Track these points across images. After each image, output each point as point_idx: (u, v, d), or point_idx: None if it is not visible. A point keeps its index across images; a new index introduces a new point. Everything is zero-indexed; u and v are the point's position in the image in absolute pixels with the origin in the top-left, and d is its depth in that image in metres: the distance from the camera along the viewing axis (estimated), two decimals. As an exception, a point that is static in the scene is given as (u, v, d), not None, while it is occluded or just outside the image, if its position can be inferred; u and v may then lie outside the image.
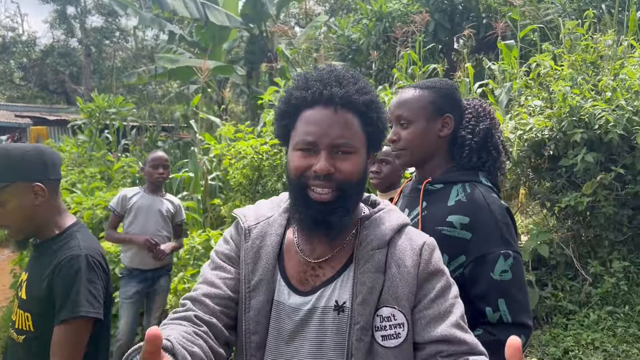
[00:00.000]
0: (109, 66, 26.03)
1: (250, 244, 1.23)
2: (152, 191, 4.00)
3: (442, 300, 1.14)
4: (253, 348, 1.17)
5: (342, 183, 1.13)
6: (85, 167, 8.63)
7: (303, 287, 1.18)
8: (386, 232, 1.19)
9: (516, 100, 5.41)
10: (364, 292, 1.12)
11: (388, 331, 1.11)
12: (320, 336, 1.14)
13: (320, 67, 1.22)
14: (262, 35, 10.44)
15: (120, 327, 3.86)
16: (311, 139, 1.12)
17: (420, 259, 1.16)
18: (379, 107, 1.19)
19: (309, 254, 1.20)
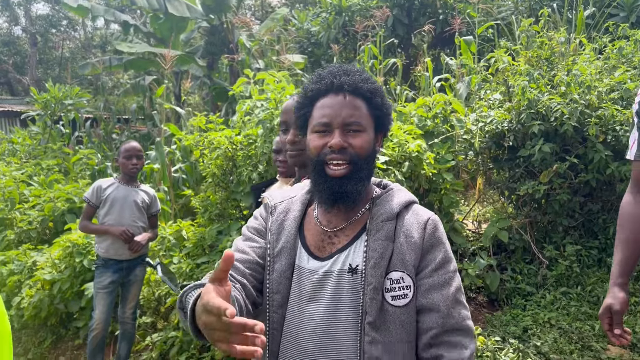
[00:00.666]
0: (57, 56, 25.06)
1: (275, 217, 1.42)
2: (127, 182, 3.98)
3: (442, 272, 1.31)
4: (275, 306, 1.34)
5: (354, 156, 1.30)
6: (41, 159, 8.37)
7: (320, 254, 1.34)
8: (395, 206, 1.35)
9: (476, 94, 5.66)
10: (376, 257, 1.27)
11: (397, 292, 1.27)
12: (336, 295, 1.28)
13: (330, 65, 1.43)
14: (223, 26, 10.36)
15: (95, 317, 3.84)
16: (325, 120, 1.32)
17: (425, 232, 1.32)
18: (382, 94, 1.38)
19: (326, 225, 1.37)
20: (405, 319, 1.27)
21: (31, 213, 6.21)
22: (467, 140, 4.93)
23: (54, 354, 4.96)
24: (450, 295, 1.29)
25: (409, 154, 4.33)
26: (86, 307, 4.79)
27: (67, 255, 4.89)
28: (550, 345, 4.01)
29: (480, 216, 6.24)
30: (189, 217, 5.90)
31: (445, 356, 1.26)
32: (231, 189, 4.39)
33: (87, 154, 7.89)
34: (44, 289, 4.85)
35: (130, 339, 4.07)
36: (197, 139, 4.58)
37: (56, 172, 7.75)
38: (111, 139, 10.51)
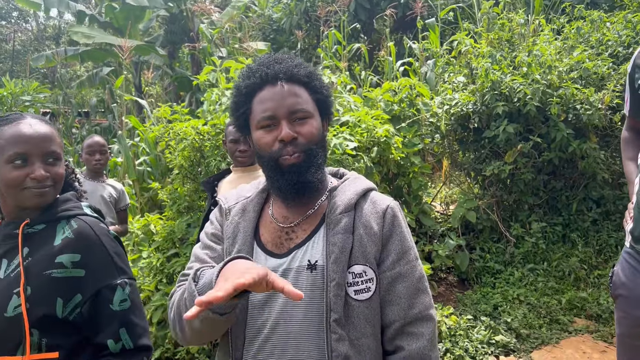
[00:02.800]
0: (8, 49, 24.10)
1: (230, 220, 1.37)
2: (92, 177, 3.87)
3: (403, 262, 1.28)
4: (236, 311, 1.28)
5: (306, 145, 1.26)
6: (-2, 157, 8.04)
7: (278, 250, 1.29)
8: (351, 197, 1.30)
9: (440, 77, 5.71)
10: (336, 251, 1.22)
11: (360, 286, 1.23)
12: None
13: (258, 57, 1.37)
14: (183, 14, 10.14)
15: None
16: (269, 114, 1.25)
17: (384, 221, 1.28)
18: (319, 77, 1.34)
19: (283, 221, 1.32)
20: (369, 313, 1.24)
21: (-10, 213, 5.98)
22: (433, 123, 4.98)
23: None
24: (412, 286, 1.27)
25: (377, 139, 4.35)
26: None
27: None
28: (520, 321, 4.13)
29: (448, 198, 6.35)
30: (156, 210, 5.80)
31: (405, 348, 1.24)
32: (199, 180, 4.32)
33: (46, 150, 7.61)
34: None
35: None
36: (162, 131, 4.49)
37: (14, 170, 7.47)
38: (71, 133, 10.20)
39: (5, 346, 1.34)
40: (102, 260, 1.42)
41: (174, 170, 4.55)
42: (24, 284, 1.34)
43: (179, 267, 4.00)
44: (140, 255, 4.56)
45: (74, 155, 8.29)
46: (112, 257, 1.43)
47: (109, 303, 1.39)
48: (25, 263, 1.39)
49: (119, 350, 1.39)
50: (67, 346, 1.37)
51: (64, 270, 1.37)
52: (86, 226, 1.44)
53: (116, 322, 1.39)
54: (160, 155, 6.78)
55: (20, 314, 1.31)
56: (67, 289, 1.36)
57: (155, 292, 4.09)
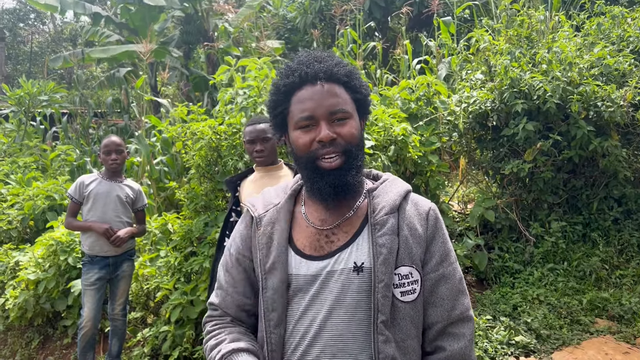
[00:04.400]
0: (26, 51, 24.42)
1: (262, 230, 1.34)
2: (110, 177, 3.90)
3: (446, 264, 1.29)
4: (272, 325, 1.26)
5: (346, 146, 1.24)
6: (17, 157, 8.17)
7: (319, 253, 1.27)
8: (395, 198, 1.30)
9: (458, 75, 5.66)
10: (385, 252, 1.22)
11: (406, 287, 1.24)
12: (342, 296, 1.22)
13: (298, 54, 1.34)
14: (198, 15, 10.18)
15: (84, 315, 3.77)
16: (308, 114, 1.24)
17: (427, 223, 1.30)
18: (358, 76, 1.32)
19: (320, 224, 1.31)
20: (414, 315, 1.25)
21: (10, 212, 6.06)
22: (451, 121, 4.93)
23: (42, 355, 4.87)
24: (454, 288, 1.28)
25: (394, 138, 4.32)
26: (74, 305, 4.71)
27: (51, 254, 4.79)
28: (540, 321, 4.07)
29: (465, 197, 6.29)
30: (172, 209, 5.82)
31: (447, 348, 1.25)
32: (216, 180, 4.32)
33: (65, 150, 7.71)
34: (29, 289, 4.75)
35: (121, 336, 4.01)
36: (179, 130, 4.50)
37: (34, 170, 7.57)
38: (88, 133, 10.29)
39: None
40: None
41: (191, 169, 4.56)
42: None
43: (196, 266, 4.01)
44: (158, 254, 4.58)
45: (91, 156, 8.36)
46: None
47: None
48: None
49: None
50: None
51: None
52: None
53: None
54: (177, 155, 6.81)
55: None
56: None
57: (173, 290, 4.10)
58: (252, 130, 2.93)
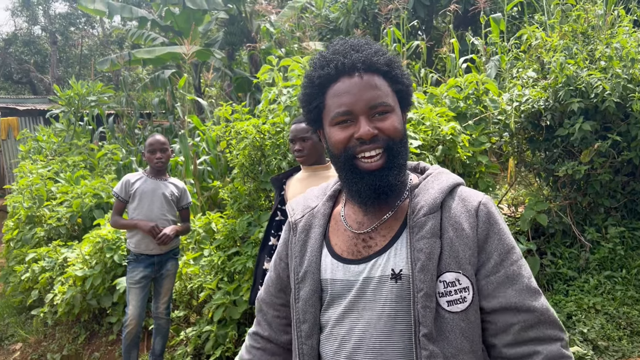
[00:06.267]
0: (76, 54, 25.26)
1: (297, 237, 1.27)
2: (155, 175, 3.92)
3: (508, 263, 1.13)
4: (304, 336, 1.21)
5: (388, 142, 1.14)
6: (66, 156, 8.40)
7: (355, 258, 1.18)
8: (437, 195, 1.15)
9: (508, 73, 5.45)
10: (422, 258, 1.10)
11: (454, 296, 1.10)
12: (379, 306, 1.13)
13: (333, 42, 1.22)
14: (242, 16, 10.25)
15: (128, 313, 3.79)
16: (346, 109, 1.14)
17: (478, 220, 1.14)
18: (399, 64, 1.20)
19: (357, 227, 1.21)
20: (465, 326, 1.10)
21: (59, 210, 6.21)
22: (501, 121, 4.74)
23: (88, 350, 4.96)
24: (525, 287, 1.12)
25: (442, 137, 4.18)
26: (118, 302, 4.77)
27: (98, 251, 4.87)
28: (597, 332, 3.85)
29: (515, 199, 6.06)
30: (215, 209, 5.83)
31: (542, 352, 1.09)
32: (260, 179, 4.29)
33: (112, 149, 7.88)
34: (76, 285, 4.84)
35: (164, 334, 4.03)
36: (224, 130, 4.49)
37: (82, 168, 7.77)
38: (134, 133, 10.51)
39: None
40: None
41: (235, 169, 4.55)
42: None
43: (239, 265, 3.98)
44: (202, 253, 4.59)
45: (136, 155, 8.51)
46: None
47: None
48: None
49: None
50: None
51: None
52: None
53: None
54: (220, 155, 6.84)
55: None
56: None
57: (216, 290, 4.09)
58: (292, 130, 2.89)
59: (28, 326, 5.78)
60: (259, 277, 3.06)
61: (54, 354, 5.07)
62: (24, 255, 5.88)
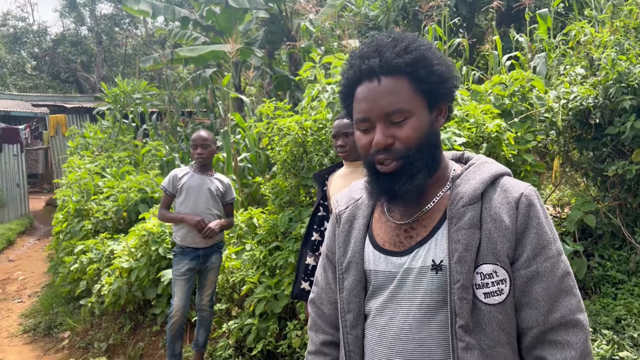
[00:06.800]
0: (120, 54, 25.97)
1: (341, 228, 1.30)
2: (201, 171, 4.00)
3: (542, 259, 1.11)
4: (349, 326, 1.23)
5: (403, 151, 1.12)
6: (112, 152, 8.65)
7: (398, 249, 1.19)
8: (477, 186, 1.15)
9: (555, 70, 5.32)
10: (460, 249, 1.10)
11: (491, 288, 1.09)
12: (419, 297, 1.14)
13: (365, 40, 1.23)
14: (282, 14, 10.33)
15: (173, 304, 3.88)
16: (362, 116, 1.15)
17: (518, 212, 1.12)
18: (429, 61, 1.14)
19: (400, 218, 1.22)
20: (503, 319, 1.10)
21: (106, 204, 6.41)
22: (548, 119, 4.63)
23: (133, 340, 5.09)
24: (553, 286, 1.10)
25: (487, 135, 4.11)
26: (162, 294, 4.89)
27: (143, 244, 5.00)
28: (648, 337, 3.72)
29: (560, 200, 5.91)
30: (254, 205, 5.90)
31: (548, 357, 1.09)
32: (302, 175, 4.32)
33: (155, 146, 8.08)
34: (122, 277, 4.98)
35: (207, 326, 4.10)
36: (266, 127, 4.54)
37: (127, 164, 7.99)
38: (176, 131, 10.75)
39: None
40: None
41: (276, 165, 4.59)
42: None
43: (281, 260, 4.02)
44: (244, 247, 4.65)
45: (179, 152, 8.70)
46: None
47: None
48: None
49: None
50: None
51: None
52: None
53: None
54: (260, 152, 6.92)
55: None
56: None
57: (258, 284, 4.14)
58: (335, 125, 2.90)
59: (76, 315, 5.98)
60: (301, 272, 3.08)
61: (100, 342, 5.23)
62: (73, 247, 6.09)
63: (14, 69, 26.36)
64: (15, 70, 26.55)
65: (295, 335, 3.70)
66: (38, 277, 8.68)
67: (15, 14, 27.69)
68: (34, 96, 21.97)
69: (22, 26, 26.77)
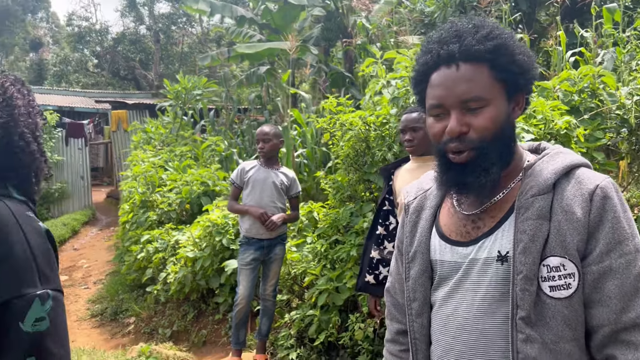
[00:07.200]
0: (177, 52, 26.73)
1: (409, 218, 1.31)
2: (267, 164, 4.11)
3: (616, 254, 1.05)
4: (414, 314, 1.25)
5: (477, 141, 1.10)
6: (174, 146, 8.96)
7: (464, 239, 1.18)
8: (549, 176, 1.10)
9: (626, 66, 5.14)
10: (525, 240, 1.07)
11: (557, 281, 1.05)
12: (482, 287, 1.13)
13: (443, 25, 1.20)
14: (338, 11, 10.40)
15: (239, 292, 4.01)
16: (437, 102, 1.12)
17: (592, 205, 1.06)
18: (511, 50, 1.12)
19: (467, 208, 1.20)
20: (569, 314, 1.05)
21: (170, 195, 6.65)
22: (619, 116, 4.49)
23: (196, 327, 5.28)
24: (628, 284, 1.03)
25: (556, 132, 4.03)
26: (225, 284, 5.04)
27: (207, 235, 5.17)
28: None
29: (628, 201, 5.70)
30: (308, 200, 5.99)
31: (618, 357, 1.04)
32: (364, 170, 4.35)
33: (215, 141, 8.31)
34: (187, 266, 5.17)
35: (270, 316, 4.21)
36: (329, 122, 4.60)
37: (189, 158, 8.26)
38: (232, 127, 11.00)
39: None
40: (19, 260, 1.05)
41: (338, 160, 4.64)
42: None
43: (343, 253, 4.08)
44: (305, 240, 4.74)
45: (236, 147, 8.91)
46: (35, 257, 1.07)
47: (18, 320, 1.02)
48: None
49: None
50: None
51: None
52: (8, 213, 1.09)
53: (23, 348, 1.02)
54: (315, 148, 7.01)
55: None
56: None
57: (320, 276, 4.21)
58: (403, 119, 2.91)
59: (140, 302, 6.25)
60: (366, 265, 3.12)
61: (164, 329, 5.45)
62: (138, 237, 6.36)
63: (78, 66, 27.58)
64: (79, 68, 27.77)
65: (358, 328, 3.75)
66: (101, 265, 9.11)
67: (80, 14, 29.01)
68: (96, 93, 22.95)
69: (85, 26, 27.97)
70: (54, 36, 33.10)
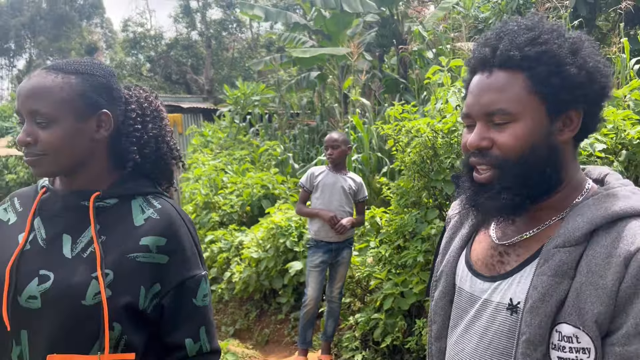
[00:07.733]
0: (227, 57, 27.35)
1: (447, 234, 1.22)
2: (335, 170, 4.25)
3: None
4: (433, 337, 1.19)
5: (500, 160, 0.96)
6: (232, 150, 9.23)
7: (486, 273, 1.05)
8: (581, 225, 0.92)
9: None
10: (535, 297, 0.92)
11: (567, 354, 0.89)
12: (489, 336, 1.01)
13: (497, 24, 1.07)
14: (393, 18, 10.47)
15: (307, 294, 4.15)
16: (465, 110, 1.01)
17: (627, 271, 0.86)
18: (556, 59, 0.94)
19: (500, 236, 1.07)
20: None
21: (232, 198, 6.88)
22: (694, 126, 4.39)
23: (258, 326, 5.45)
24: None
25: (627, 142, 3.99)
26: (288, 284, 5.19)
27: (271, 236, 5.33)
28: None
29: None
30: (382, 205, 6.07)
31: None
32: (430, 177, 4.41)
33: (272, 146, 8.52)
34: (251, 266, 5.35)
35: (336, 318, 4.32)
36: (394, 128, 4.68)
37: (247, 162, 8.51)
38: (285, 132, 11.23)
39: (77, 342, 1.10)
40: (189, 249, 1.23)
41: (402, 166, 4.72)
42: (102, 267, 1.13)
43: (409, 259, 4.15)
44: (368, 244, 4.84)
45: (290, 152, 9.10)
46: (196, 244, 1.27)
47: (192, 297, 1.21)
48: (102, 240, 1.17)
49: (196, 353, 1.21)
50: (141, 345, 1.18)
51: (149, 254, 1.17)
52: (172, 208, 1.26)
53: (197, 320, 1.22)
54: (371, 154, 7.09)
55: (99, 302, 1.10)
56: (148, 277, 1.17)
57: (385, 281, 4.30)
58: None
59: (203, 300, 6.47)
60: (435, 272, 3.19)
61: (227, 327, 5.64)
62: (202, 237, 6.60)
63: (132, 70, 28.59)
64: (133, 72, 28.78)
65: (425, 333, 3.82)
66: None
67: (135, 20, 30.06)
68: (151, 97, 23.64)
69: (140, 31, 28.97)
70: (107, 41, 34.46)
